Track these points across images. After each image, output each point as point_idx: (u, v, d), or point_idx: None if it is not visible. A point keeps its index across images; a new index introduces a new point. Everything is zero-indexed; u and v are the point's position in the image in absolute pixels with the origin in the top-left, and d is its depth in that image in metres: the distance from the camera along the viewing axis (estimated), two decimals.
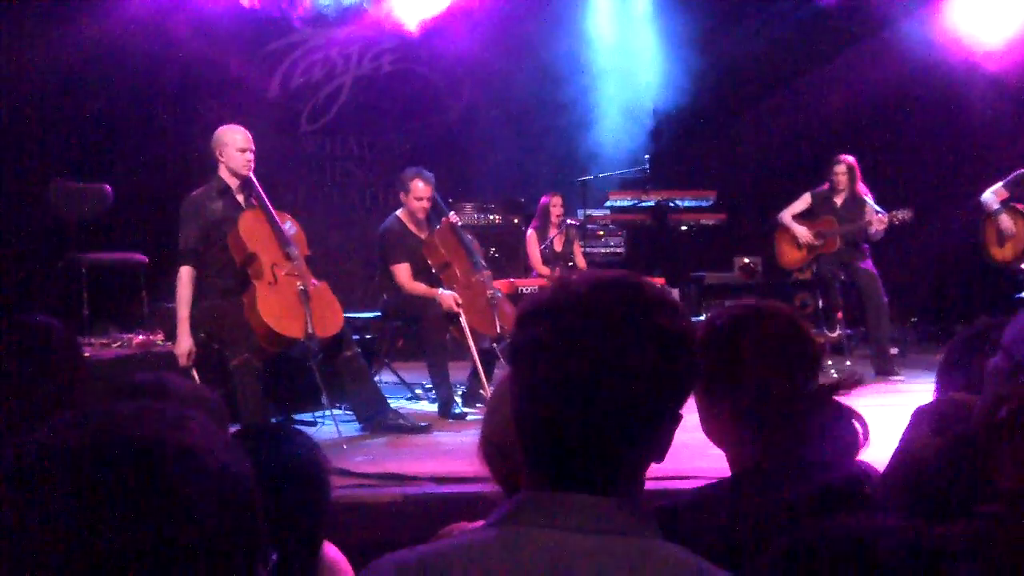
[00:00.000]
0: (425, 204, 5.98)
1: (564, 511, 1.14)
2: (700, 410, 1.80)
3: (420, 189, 5.95)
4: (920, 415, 1.37)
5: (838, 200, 7.35)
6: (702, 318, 8.07)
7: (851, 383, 1.71)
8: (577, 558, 1.10)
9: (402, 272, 5.92)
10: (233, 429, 2.11)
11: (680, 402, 1.21)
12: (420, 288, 5.89)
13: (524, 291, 6.54)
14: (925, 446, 1.33)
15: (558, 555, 1.11)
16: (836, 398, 1.72)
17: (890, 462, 1.43)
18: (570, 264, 7.62)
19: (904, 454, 1.36)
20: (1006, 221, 7.02)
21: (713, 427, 1.80)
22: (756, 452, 1.74)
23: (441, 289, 5.84)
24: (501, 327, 5.80)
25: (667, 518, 1.65)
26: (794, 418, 1.69)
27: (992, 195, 7.10)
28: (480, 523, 1.25)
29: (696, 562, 1.14)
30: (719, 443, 1.81)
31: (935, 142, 8.95)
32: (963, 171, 8.22)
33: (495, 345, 5.88)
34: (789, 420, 1.69)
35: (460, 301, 5.74)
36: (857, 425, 1.65)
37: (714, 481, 1.80)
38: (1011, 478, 1.23)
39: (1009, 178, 7.07)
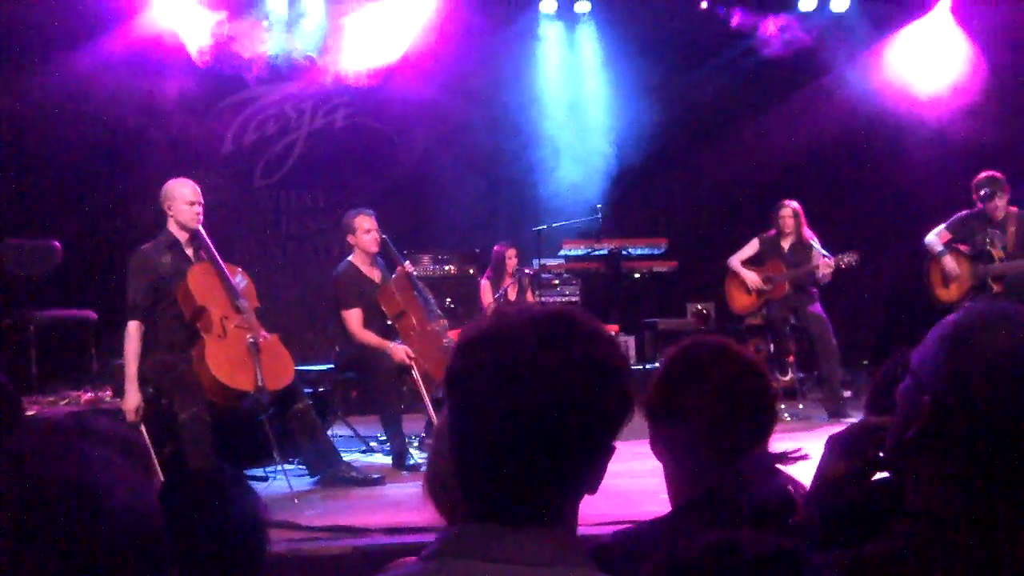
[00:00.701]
0: (375, 235, 6.01)
1: (497, 543, 1.14)
2: (651, 434, 1.83)
3: (366, 221, 6.00)
4: (832, 442, 1.40)
5: (785, 245, 7.49)
6: (656, 364, 8.11)
7: (796, 457, 1.74)
8: None
9: (353, 318, 5.90)
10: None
11: (613, 434, 1.22)
12: (371, 338, 5.87)
13: None
14: (836, 471, 1.35)
15: None
16: (779, 466, 1.75)
17: (808, 490, 1.46)
18: None
19: (818, 481, 1.38)
20: (950, 263, 7.17)
21: (660, 452, 1.83)
22: (695, 487, 1.76)
23: (392, 343, 5.81)
24: None
25: (606, 553, 1.67)
26: (737, 469, 1.72)
27: (935, 237, 7.25)
28: None
29: None
30: (663, 465, 1.83)
31: (878, 186, 9.16)
32: (906, 214, 8.39)
33: None
34: (732, 468, 1.72)
35: (412, 354, 5.73)
36: (794, 492, 1.68)
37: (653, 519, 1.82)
38: (920, 497, 1.26)
39: (951, 220, 7.22)
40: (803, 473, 1.72)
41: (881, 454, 1.35)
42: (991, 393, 1.20)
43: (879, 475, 1.35)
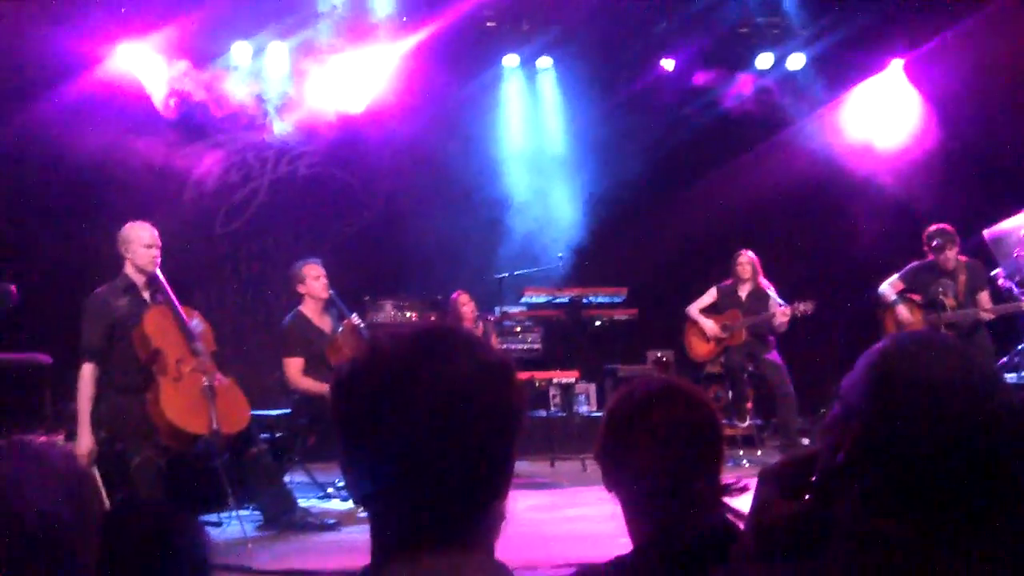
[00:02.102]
0: (324, 281, 6.01)
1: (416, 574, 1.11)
2: (603, 475, 1.84)
3: (314, 269, 6.02)
4: (763, 475, 1.43)
5: (742, 293, 7.60)
6: None
7: (737, 489, 1.77)
8: None
9: (292, 366, 5.88)
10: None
11: (513, 432, 1.18)
12: (310, 385, 5.82)
13: None
14: (769, 500, 1.38)
15: None
16: (725, 499, 1.78)
17: (744, 526, 1.48)
18: None
19: (754, 512, 1.41)
20: (903, 311, 7.29)
21: (613, 492, 1.84)
22: (648, 523, 1.78)
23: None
24: None
25: None
26: (685, 508, 1.74)
27: (889, 287, 7.38)
28: None
29: None
30: (620, 505, 1.84)
31: (833, 236, 9.33)
32: (861, 264, 8.52)
33: None
34: (679, 503, 1.74)
35: None
36: (740, 525, 1.70)
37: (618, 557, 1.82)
38: (851, 520, 1.28)
39: (904, 270, 7.36)
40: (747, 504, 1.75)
41: (812, 479, 1.37)
42: (916, 417, 1.24)
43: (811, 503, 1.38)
